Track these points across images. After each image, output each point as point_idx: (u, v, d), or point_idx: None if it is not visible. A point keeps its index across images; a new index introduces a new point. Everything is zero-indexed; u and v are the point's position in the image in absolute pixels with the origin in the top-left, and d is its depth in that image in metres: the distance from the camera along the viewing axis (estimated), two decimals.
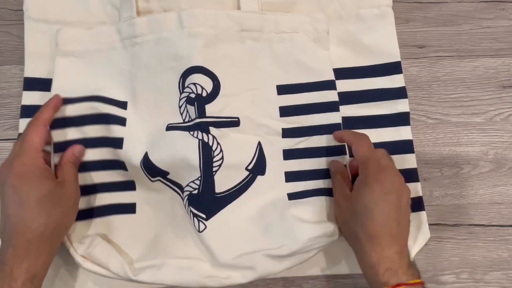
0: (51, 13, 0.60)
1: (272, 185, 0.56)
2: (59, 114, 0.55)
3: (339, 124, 0.57)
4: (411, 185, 0.56)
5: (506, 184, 0.60)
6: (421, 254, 0.57)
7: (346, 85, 0.60)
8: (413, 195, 0.55)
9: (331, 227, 0.53)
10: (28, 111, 0.58)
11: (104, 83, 0.57)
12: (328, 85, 0.58)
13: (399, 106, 0.60)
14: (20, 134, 0.57)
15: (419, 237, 0.55)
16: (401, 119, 0.59)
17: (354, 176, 0.54)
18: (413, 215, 0.54)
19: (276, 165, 0.57)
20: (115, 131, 0.56)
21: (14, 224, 0.46)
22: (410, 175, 0.57)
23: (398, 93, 0.60)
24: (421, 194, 0.57)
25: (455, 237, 0.57)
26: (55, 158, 0.53)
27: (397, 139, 0.59)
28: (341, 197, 0.52)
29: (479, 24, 0.65)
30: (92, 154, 0.55)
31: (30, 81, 0.59)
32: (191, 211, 0.54)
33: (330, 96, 0.58)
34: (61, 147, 0.54)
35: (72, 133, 0.55)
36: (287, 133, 0.57)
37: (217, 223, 0.54)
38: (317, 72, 0.58)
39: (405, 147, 0.59)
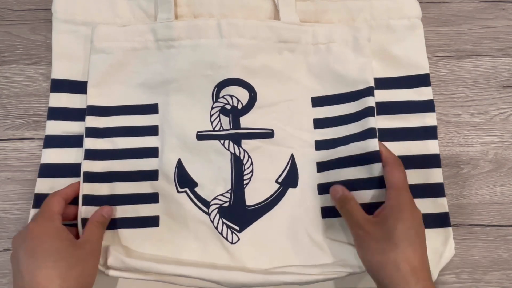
0: (78, 14, 0.60)
1: (304, 198, 0.55)
2: (91, 124, 0.56)
3: (373, 129, 0.54)
4: (437, 200, 0.56)
5: (506, 184, 0.60)
6: None
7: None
8: (440, 210, 0.56)
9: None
10: (56, 113, 0.58)
11: (136, 82, 0.58)
12: (365, 93, 0.56)
13: (426, 119, 0.58)
14: (46, 135, 0.57)
15: (445, 253, 0.54)
16: (428, 132, 0.58)
17: None
18: (439, 231, 0.55)
19: (309, 178, 0.56)
20: (149, 141, 0.56)
21: None
22: (437, 190, 0.57)
23: (426, 106, 0.59)
24: (447, 210, 0.56)
25: (455, 237, 0.57)
26: (81, 212, 0.53)
27: (424, 153, 0.58)
28: (365, 222, 0.48)
29: (479, 24, 0.65)
30: (121, 165, 0.56)
31: (57, 82, 0.59)
32: (223, 222, 0.54)
33: (367, 102, 0.55)
34: (92, 154, 0.55)
35: (102, 144, 0.56)
36: (321, 145, 0.57)
37: (250, 235, 0.54)
38: (353, 81, 0.57)
39: (432, 161, 0.57)
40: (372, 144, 0.53)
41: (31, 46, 0.63)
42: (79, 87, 0.58)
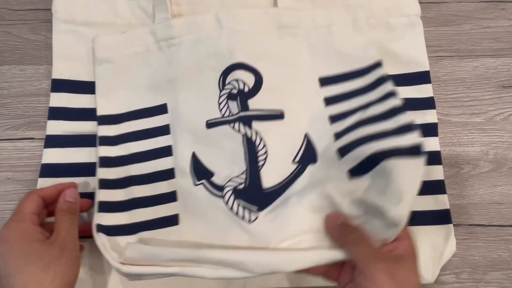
0: (78, 14, 0.60)
1: (327, 170, 0.53)
2: (103, 133, 0.55)
3: (393, 90, 0.53)
4: (438, 197, 0.56)
5: (506, 184, 0.60)
6: None
7: None
8: (441, 207, 0.56)
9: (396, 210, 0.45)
10: (56, 112, 0.58)
11: (142, 85, 0.58)
12: (374, 66, 0.56)
13: (427, 116, 0.59)
14: (47, 135, 0.57)
15: (446, 250, 0.54)
16: (429, 130, 0.58)
17: None
18: (440, 228, 0.55)
19: (328, 149, 0.54)
20: (162, 141, 0.56)
21: None
22: (437, 187, 0.56)
23: (426, 103, 0.59)
24: (448, 207, 0.56)
25: (455, 237, 0.57)
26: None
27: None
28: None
29: (479, 24, 0.65)
30: (136, 169, 0.55)
31: (58, 82, 0.59)
32: (238, 204, 0.52)
33: (379, 73, 0.55)
34: (107, 162, 0.54)
35: (117, 151, 0.55)
36: (336, 118, 0.55)
37: (269, 214, 0.52)
38: (359, 58, 0.57)
39: (432, 158, 0.57)
40: (395, 101, 0.52)
41: (31, 46, 0.63)
42: (80, 87, 0.58)
